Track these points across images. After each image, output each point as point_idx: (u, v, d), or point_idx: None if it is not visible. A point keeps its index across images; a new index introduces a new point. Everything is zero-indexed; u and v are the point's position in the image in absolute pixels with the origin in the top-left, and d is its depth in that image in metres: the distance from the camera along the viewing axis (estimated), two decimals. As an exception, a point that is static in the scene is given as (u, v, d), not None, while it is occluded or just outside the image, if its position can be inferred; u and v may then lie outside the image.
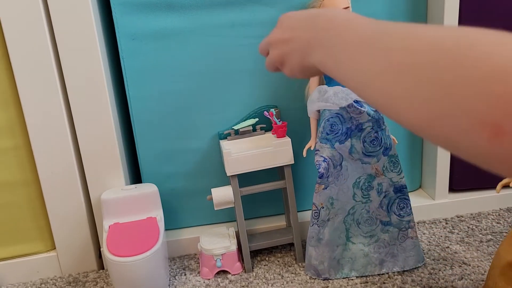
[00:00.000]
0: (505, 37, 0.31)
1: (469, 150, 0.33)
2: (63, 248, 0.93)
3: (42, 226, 0.93)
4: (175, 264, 0.95)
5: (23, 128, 0.86)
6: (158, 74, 0.90)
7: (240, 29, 0.89)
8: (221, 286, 0.87)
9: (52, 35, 0.83)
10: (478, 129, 0.31)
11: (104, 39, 0.88)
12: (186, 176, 0.97)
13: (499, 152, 0.31)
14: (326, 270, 0.87)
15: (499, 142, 0.30)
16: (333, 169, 0.83)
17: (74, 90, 0.85)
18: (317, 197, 0.84)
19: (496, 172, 0.32)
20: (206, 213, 1.00)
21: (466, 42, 0.32)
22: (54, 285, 0.91)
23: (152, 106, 0.92)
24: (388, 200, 0.85)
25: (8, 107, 0.85)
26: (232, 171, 0.87)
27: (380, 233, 0.87)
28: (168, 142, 0.94)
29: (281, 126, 0.88)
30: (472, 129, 0.31)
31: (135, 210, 0.88)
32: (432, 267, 0.87)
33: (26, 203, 0.91)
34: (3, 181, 0.89)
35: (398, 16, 0.93)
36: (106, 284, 0.90)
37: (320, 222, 0.85)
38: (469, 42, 0.32)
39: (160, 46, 0.88)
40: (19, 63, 0.82)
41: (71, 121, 0.88)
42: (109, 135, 0.88)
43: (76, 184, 0.90)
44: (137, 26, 0.87)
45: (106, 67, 0.87)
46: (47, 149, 0.87)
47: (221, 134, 0.94)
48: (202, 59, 0.90)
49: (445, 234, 0.98)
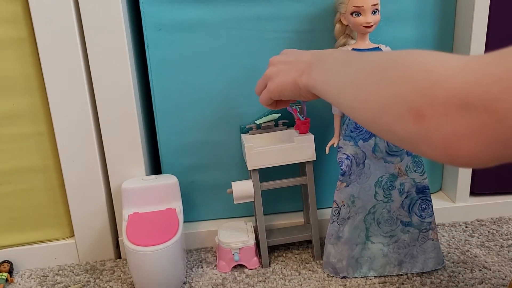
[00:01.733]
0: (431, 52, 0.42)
1: (401, 135, 0.42)
2: (82, 235, 0.94)
3: (62, 213, 0.93)
4: (192, 256, 0.95)
5: (47, 114, 0.87)
6: (182, 66, 0.90)
7: (266, 23, 0.88)
8: (238, 280, 0.87)
9: (79, 24, 0.83)
10: (407, 115, 0.40)
11: (130, 29, 0.88)
12: (206, 169, 0.97)
13: (421, 133, 0.39)
14: (344, 269, 0.86)
15: (421, 124, 0.39)
16: (356, 167, 0.83)
17: (99, 79, 0.85)
18: (338, 194, 0.84)
19: (422, 154, 0.41)
20: (224, 207, 1.00)
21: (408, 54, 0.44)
22: (72, 272, 0.92)
23: (175, 98, 0.92)
24: (410, 200, 0.85)
25: (32, 92, 0.86)
26: (254, 165, 0.87)
27: (400, 233, 0.86)
28: (189, 134, 0.94)
29: (304, 122, 0.88)
30: (403, 116, 0.40)
31: (155, 200, 0.88)
32: (451, 270, 0.86)
33: (47, 189, 0.92)
34: (25, 167, 0.89)
35: (427, 15, 0.92)
36: (123, 273, 0.90)
37: (340, 220, 0.85)
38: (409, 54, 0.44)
39: (185, 38, 0.88)
40: (45, 49, 0.82)
41: (95, 110, 0.88)
42: (132, 125, 0.89)
43: (97, 172, 0.90)
44: (164, 16, 0.87)
45: (132, 57, 0.88)
46: (70, 136, 0.87)
47: (243, 128, 0.94)
48: (226, 51, 0.89)
49: (465, 238, 0.97)
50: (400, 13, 0.90)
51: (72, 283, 0.88)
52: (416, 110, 0.39)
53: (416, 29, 0.92)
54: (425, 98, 0.39)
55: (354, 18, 0.81)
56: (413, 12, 0.91)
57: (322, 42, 0.89)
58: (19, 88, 0.85)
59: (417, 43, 0.93)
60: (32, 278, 0.91)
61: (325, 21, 0.88)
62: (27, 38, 0.83)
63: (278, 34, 0.89)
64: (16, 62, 0.83)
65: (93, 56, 0.84)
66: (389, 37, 0.89)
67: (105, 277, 0.89)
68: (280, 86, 0.65)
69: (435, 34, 0.93)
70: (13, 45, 0.82)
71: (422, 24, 0.92)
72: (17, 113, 0.86)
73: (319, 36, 0.89)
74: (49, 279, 0.90)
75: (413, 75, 0.41)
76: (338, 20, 0.85)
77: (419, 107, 0.39)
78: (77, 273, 0.91)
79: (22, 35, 0.82)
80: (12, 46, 0.83)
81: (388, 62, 0.46)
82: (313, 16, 0.88)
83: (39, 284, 0.88)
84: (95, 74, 0.85)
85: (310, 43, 0.90)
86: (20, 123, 0.87)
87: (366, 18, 0.80)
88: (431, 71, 0.39)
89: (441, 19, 0.93)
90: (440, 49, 0.95)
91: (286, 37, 0.89)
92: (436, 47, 0.94)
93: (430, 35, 0.93)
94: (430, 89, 0.38)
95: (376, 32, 0.85)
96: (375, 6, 0.80)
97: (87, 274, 0.91)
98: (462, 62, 0.38)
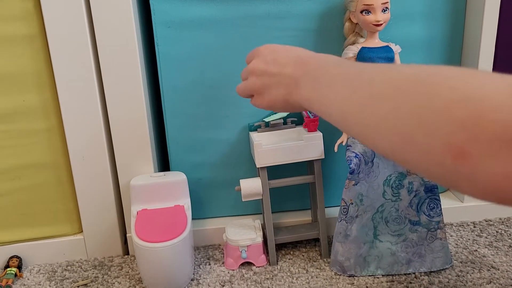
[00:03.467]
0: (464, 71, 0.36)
1: (437, 172, 0.36)
2: (90, 231, 0.94)
3: (71, 209, 0.94)
4: (199, 253, 0.95)
5: (57, 110, 0.87)
6: (191, 63, 0.90)
7: (276, 21, 0.88)
8: (245, 277, 0.87)
9: (90, 21, 0.83)
10: (444, 151, 0.34)
11: (140, 26, 0.88)
12: (214, 166, 0.97)
13: (463, 172, 0.33)
14: (352, 267, 0.86)
15: (462, 163, 0.33)
16: (364, 165, 0.83)
17: (109, 76, 0.86)
18: (347, 192, 0.84)
19: (462, 192, 0.35)
20: (232, 204, 1.00)
21: (435, 76, 0.37)
22: (80, 267, 0.92)
23: (183, 95, 0.92)
24: (418, 199, 0.84)
25: (43, 89, 0.86)
26: (262, 163, 0.87)
27: (408, 232, 0.86)
28: (198, 132, 0.94)
29: (313, 120, 0.88)
30: (438, 152, 0.34)
31: (163, 197, 0.89)
32: (459, 270, 0.86)
33: (56, 185, 0.92)
34: (35, 162, 0.90)
35: (437, 13, 0.91)
36: (131, 269, 0.91)
37: (348, 218, 0.85)
38: (437, 75, 0.37)
39: (195, 35, 0.88)
40: (56, 46, 0.83)
41: (104, 107, 0.88)
42: (141, 122, 0.89)
43: (106, 169, 0.90)
44: (173, 14, 0.87)
45: (141, 54, 0.88)
46: (80, 132, 0.88)
47: (251, 126, 0.94)
48: (236, 49, 0.90)
49: (473, 238, 0.96)
50: (410, 11, 0.90)
51: (81, 278, 0.89)
52: (456, 146, 0.33)
53: (426, 27, 0.92)
54: (466, 132, 0.32)
55: (364, 16, 0.81)
56: (423, 10, 0.91)
57: (332, 40, 0.89)
58: (30, 84, 0.85)
59: (427, 41, 0.93)
60: (40, 273, 0.91)
61: (334, 19, 0.88)
62: (38, 35, 0.83)
63: (288, 32, 0.89)
64: (27, 58, 0.84)
65: (103, 53, 0.84)
66: (398, 35, 0.89)
67: (113, 273, 0.90)
68: (270, 103, 0.60)
69: (445, 32, 0.93)
70: (24, 41, 0.83)
71: (432, 22, 0.92)
72: (27, 109, 0.87)
73: (328, 34, 0.89)
74: (57, 275, 0.90)
75: (446, 103, 0.34)
76: (347, 18, 0.85)
77: (459, 143, 0.33)
78: (86, 269, 0.92)
79: (33, 31, 0.83)
80: (23, 43, 0.83)
81: (408, 82, 0.39)
82: (322, 14, 0.88)
83: (48, 279, 0.89)
84: (104, 71, 0.85)
85: (319, 41, 0.90)
86: (30, 119, 0.87)
87: (376, 16, 0.80)
88: (470, 97, 0.33)
89: (451, 17, 0.92)
90: (450, 47, 0.94)
91: (295, 35, 0.89)
92: (446, 45, 0.94)
93: (440, 33, 0.93)
94: (472, 122, 0.32)
95: (386, 30, 0.84)
96: (385, 4, 0.80)
97: (95, 270, 0.91)
98: (509, 83, 0.32)
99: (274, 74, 0.58)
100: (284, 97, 0.57)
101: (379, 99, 0.40)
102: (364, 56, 0.83)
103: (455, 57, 0.96)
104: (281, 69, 0.57)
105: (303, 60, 0.55)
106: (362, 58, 0.83)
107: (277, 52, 0.60)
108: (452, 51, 0.95)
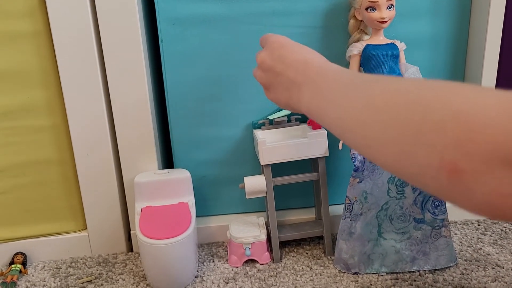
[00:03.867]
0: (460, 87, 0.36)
1: (433, 186, 0.36)
2: (94, 228, 0.94)
3: (75, 206, 0.94)
4: (203, 250, 0.95)
5: (62, 107, 0.87)
6: (196, 60, 0.90)
7: (281, 18, 0.88)
8: (249, 275, 0.87)
9: (94, 18, 0.83)
10: (439, 167, 0.34)
11: (144, 23, 0.88)
12: (218, 163, 0.97)
13: (458, 188, 0.33)
14: (356, 265, 0.86)
15: (457, 179, 0.33)
16: (369, 163, 0.82)
17: (113, 73, 0.86)
18: (351, 190, 0.83)
19: (459, 207, 0.35)
20: (236, 202, 1.00)
21: (431, 90, 0.37)
22: (84, 264, 0.92)
23: (188, 92, 0.92)
24: (423, 197, 0.84)
25: (48, 85, 0.86)
26: (267, 160, 0.87)
27: (412, 230, 0.85)
28: (202, 129, 0.94)
29: (317, 117, 0.87)
30: (434, 167, 0.34)
31: (167, 194, 0.89)
32: (464, 268, 0.86)
33: (60, 182, 0.92)
34: (39, 159, 0.90)
35: (442, 10, 0.91)
36: (135, 266, 0.91)
37: (352, 215, 0.84)
38: (433, 90, 0.37)
39: (199, 32, 0.88)
40: (61, 42, 0.83)
41: (109, 104, 0.88)
42: (145, 120, 0.89)
43: (110, 166, 0.91)
44: (178, 11, 0.87)
45: (146, 50, 0.88)
46: (84, 129, 0.88)
47: (255, 124, 0.94)
48: (240, 47, 0.89)
49: (478, 236, 0.96)
50: (415, 8, 0.90)
51: (85, 275, 0.89)
52: (450, 162, 0.33)
53: (431, 24, 0.91)
54: (461, 150, 0.32)
55: (369, 13, 0.80)
56: (428, 8, 0.90)
57: (337, 38, 0.89)
58: (35, 81, 0.85)
59: (432, 38, 0.92)
60: (45, 270, 0.92)
61: (339, 16, 0.88)
62: (43, 32, 0.83)
63: (292, 30, 0.89)
64: (32, 55, 0.84)
65: (108, 49, 0.85)
66: (404, 32, 0.89)
67: (118, 270, 0.90)
68: (274, 100, 0.62)
69: (450, 29, 0.93)
70: (29, 38, 0.83)
71: (437, 19, 0.91)
72: (32, 106, 0.87)
73: (333, 31, 0.89)
74: (62, 271, 0.91)
75: (440, 118, 0.34)
76: (352, 15, 0.85)
77: (454, 160, 0.32)
78: (90, 266, 0.92)
79: (38, 28, 0.83)
80: (28, 40, 0.83)
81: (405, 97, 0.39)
82: (327, 11, 0.88)
83: (52, 276, 0.89)
84: (109, 68, 0.85)
85: (324, 39, 0.89)
86: (35, 115, 0.87)
87: (381, 13, 0.80)
88: (463, 112, 0.33)
89: (457, 14, 0.92)
90: (456, 44, 0.94)
91: (300, 32, 0.89)
92: (451, 43, 0.94)
93: (445, 30, 0.93)
94: (464, 138, 0.32)
95: (391, 27, 0.84)
96: (390, 1, 0.80)
97: (99, 267, 0.91)
98: (502, 100, 0.32)
99: (277, 73, 0.59)
100: (286, 100, 0.59)
101: (376, 113, 0.41)
102: (369, 53, 0.83)
103: (460, 54, 0.95)
104: (285, 70, 0.58)
105: (307, 65, 0.56)
106: (367, 55, 0.83)
107: (285, 49, 0.60)
108: (458, 48, 0.95)
